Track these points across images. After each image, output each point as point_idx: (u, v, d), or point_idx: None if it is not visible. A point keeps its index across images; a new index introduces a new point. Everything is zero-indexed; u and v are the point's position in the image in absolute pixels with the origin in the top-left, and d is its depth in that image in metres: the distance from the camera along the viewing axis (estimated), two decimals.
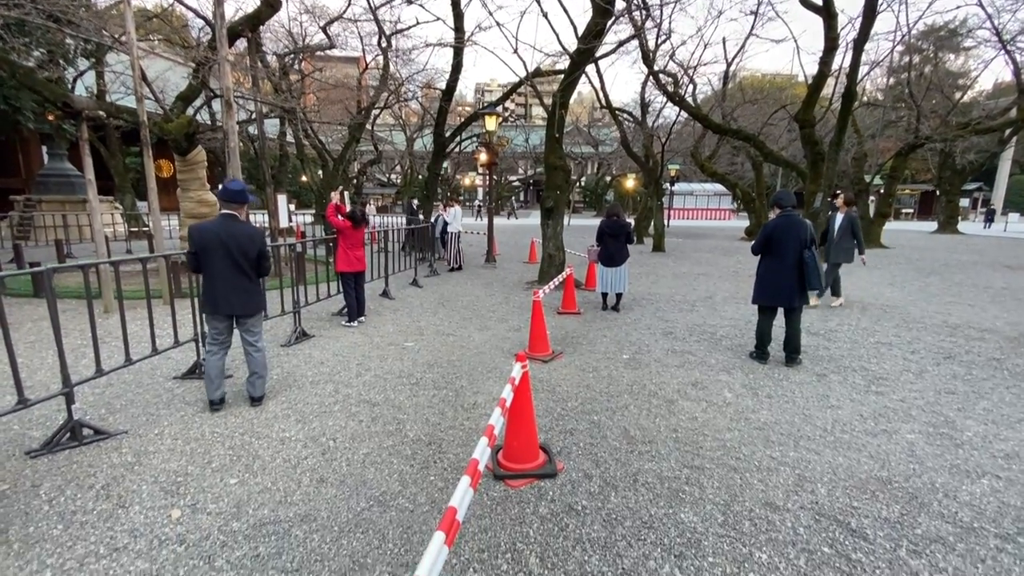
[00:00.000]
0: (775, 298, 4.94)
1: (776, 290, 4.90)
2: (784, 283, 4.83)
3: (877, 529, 2.51)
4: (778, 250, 4.81)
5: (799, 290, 4.83)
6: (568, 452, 3.26)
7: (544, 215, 8.91)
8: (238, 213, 3.77)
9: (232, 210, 3.74)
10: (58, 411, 3.63)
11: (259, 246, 3.74)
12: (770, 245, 4.85)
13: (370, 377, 4.59)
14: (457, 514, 1.52)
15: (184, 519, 2.52)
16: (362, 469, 3.02)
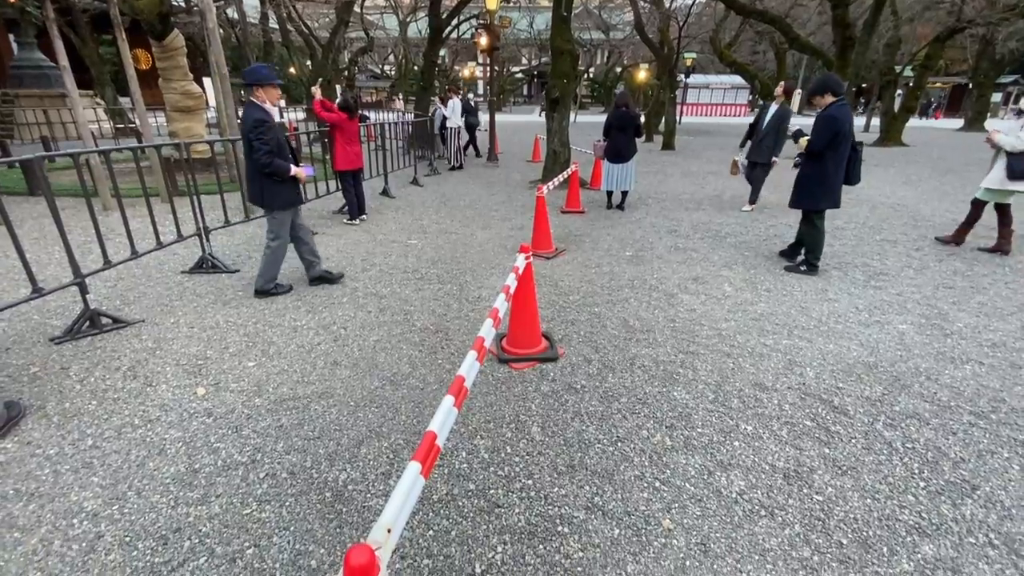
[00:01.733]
0: (836, 198, 4.42)
1: (839, 189, 4.39)
2: (840, 181, 4.36)
3: (858, 407, 2.67)
4: (844, 143, 4.20)
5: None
6: (569, 339, 3.39)
7: (549, 107, 8.42)
8: (256, 98, 3.62)
9: (251, 95, 3.64)
10: (74, 303, 3.74)
11: (247, 132, 3.60)
12: (836, 140, 4.18)
13: (375, 272, 4.65)
14: (465, 382, 1.61)
15: (209, 396, 2.70)
16: (373, 354, 3.17)
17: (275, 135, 3.60)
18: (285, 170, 3.68)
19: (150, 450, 2.29)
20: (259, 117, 3.55)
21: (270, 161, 3.59)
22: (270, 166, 3.61)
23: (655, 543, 1.83)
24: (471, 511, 1.97)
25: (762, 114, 6.70)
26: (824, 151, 4.24)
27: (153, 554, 1.77)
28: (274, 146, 3.60)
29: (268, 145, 3.56)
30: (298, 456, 2.26)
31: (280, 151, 3.67)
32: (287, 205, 3.86)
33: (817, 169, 4.36)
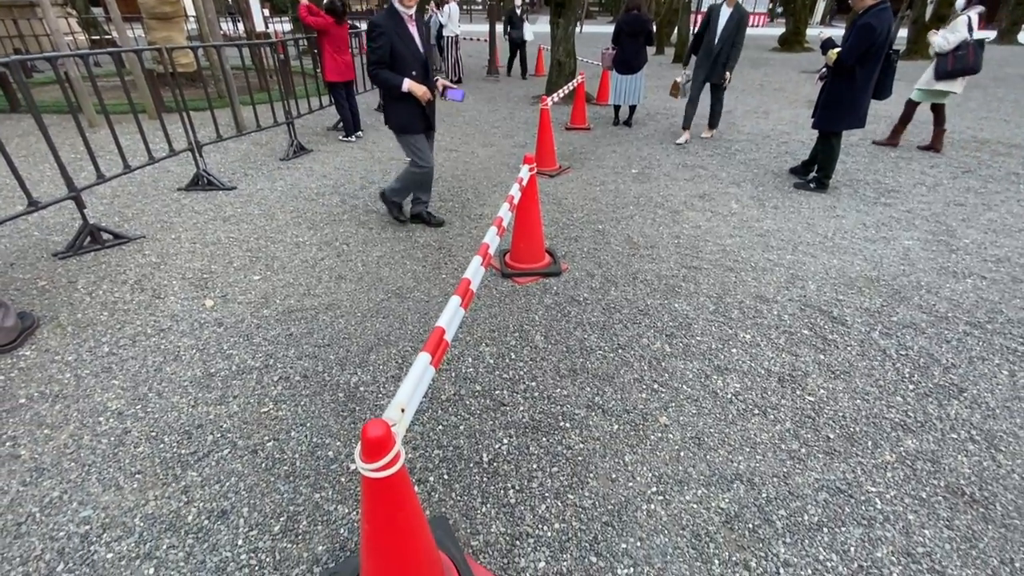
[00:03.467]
0: (861, 117, 4.08)
1: (866, 107, 4.05)
2: (868, 98, 4.01)
3: (856, 317, 2.72)
4: (878, 56, 3.82)
5: None
6: (572, 256, 3.38)
7: (553, 13, 7.82)
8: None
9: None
10: (72, 219, 3.70)
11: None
12: (872, 50, 3.77)
13: (375, 190, 4.55)
14: (471, 284, 1.62)
15: (218, 307, 2.74)
16: (377, 269, 3.18)
17: (387, 41, 3.03)
18: (393, 84, 3.09)
19: (166, 356, 2.36)
20: (374, 21, 3.06)
21: (376, 73, 3.09)
22: (375, 78, 3.11)
23: (652, 437, 1.93)
24: (478, 409, 2.06)
25: (712, 19, 5.37)
26: (855, 66, 3.87)
27: (179, 446, 1.88)
28: (383, 55, 3.04)
29: (376, 54, 3.04)
30: (310, 361, 2.33)
31: (396, 61, 3.08)
32: (403, 129, 3.31)
33: (846, 86, 4.01)
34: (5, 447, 1.87)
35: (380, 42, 3.02)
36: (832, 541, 1.55)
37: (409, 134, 3.32)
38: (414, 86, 3.11)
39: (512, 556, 1.50)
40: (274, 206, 4.10)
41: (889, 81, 4.04)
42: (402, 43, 3.07)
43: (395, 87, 3.10)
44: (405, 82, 3.09)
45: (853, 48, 3.83)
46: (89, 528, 1.58)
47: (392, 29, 3.03)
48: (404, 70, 3.11)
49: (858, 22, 3.84)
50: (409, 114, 3.25)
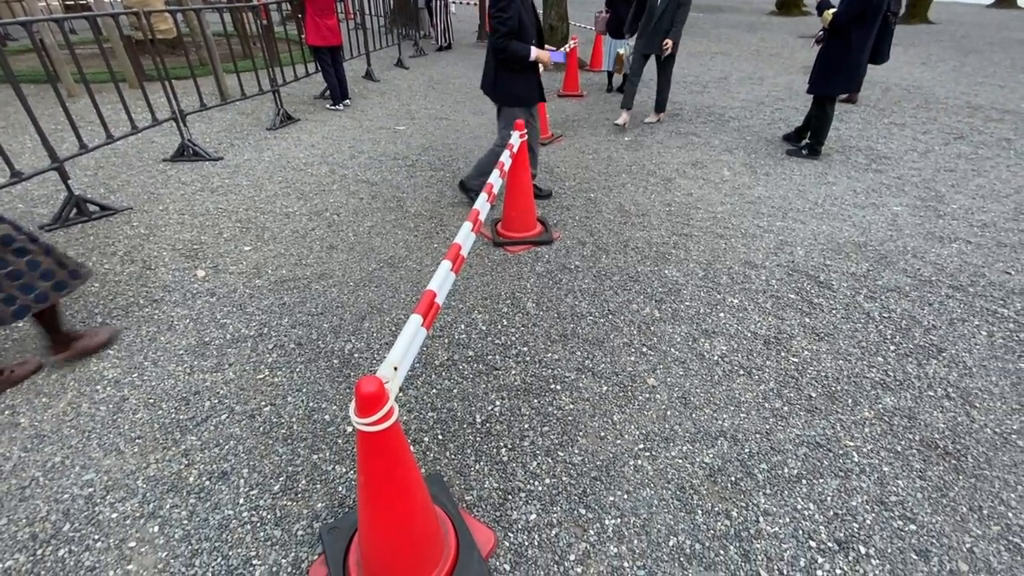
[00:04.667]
0: (857, 81, 4.02)
1: (861, 71, 4.00)
2: (865, 62, 3.95)
3: (842, 281, 2.76)
4: (874, 17, 3.76)
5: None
6: (564, 224, 3.39)
7: None
8: None
9: None
10: (56, 191, 3.64)
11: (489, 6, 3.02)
12: (867, 13, 3.73)
13: (364, 159, 4.49)
14: (461, 250, 1.63)
15: (210, 278, 2.74)
16: (368, 238, 3.17)
17: (517, 9, 2.87)
18: (523, 55, 2.95)
19: (159, 327, 2.37)
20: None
21: (506, 45, 2.91)
22: (505, 50, 2.94)
23: (639, 397, 1.99)
24: (471, 373, 2.11)
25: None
26: (850, 27, 3.81)
27: (177, 412, 1.91)
28: (514, 25, 2.88)
29: (507, 25, 2.86)
30: (303, 330, 2.35)
31: (523, 31, 2.94)
32: (519, 101, 3.15)
33: (841, 48, 3.94)
34: (4, 416, 1.90)
35: (511, 11, 2.85)
36: (810, 492, 1.62)
37: (523, 106, 3.18)
38: (540, 53, 3.01)
39: (505, 509, 1.56)
40: (262, 176, 4.05)
41: (886, 45, 4.00)
42: (524, 11, 2.95)
43: (524, 57, 2.97)
44: (532, 50, 2.97)
45: (849, 9, 3.77)
46: (92, 491, 1.62)
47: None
48: (526, 38, 2.98)
49: None
50: (528, 85, 3.13)
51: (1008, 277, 2.80)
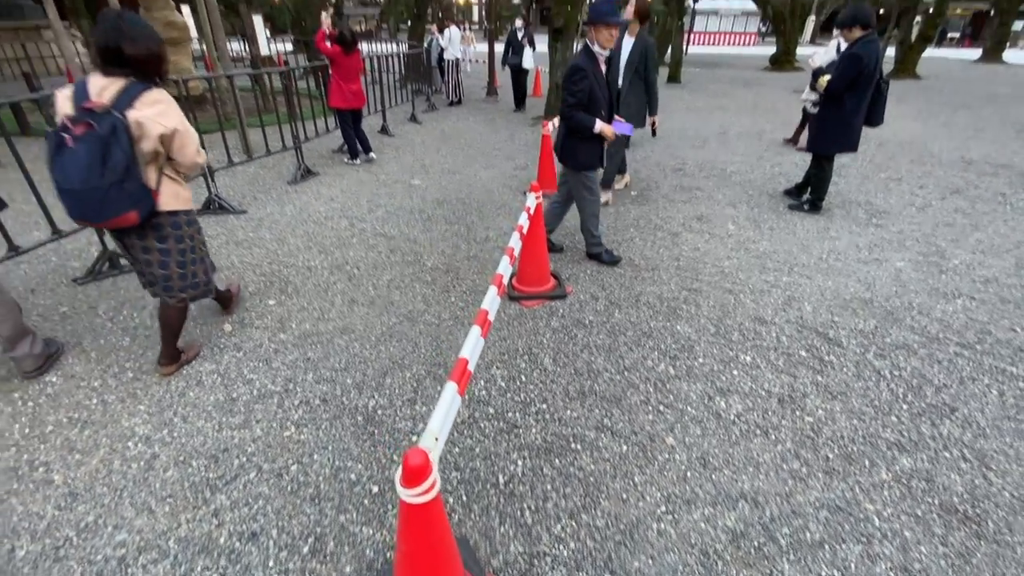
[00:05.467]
0: (853, 142, 4.25)
1: (857, 132, 4.20)
2: (860, 123, 4.18)
3: (851, 338, 2.83)
4: (866, 84, 4.00)
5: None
6: (577, 278, 3.49)
7: (552, 37, 8.06)
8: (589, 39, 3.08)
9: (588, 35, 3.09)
10: (89, 244, 3.79)
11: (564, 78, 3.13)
12: (860, 78, 3.97)
13: (382, 213, 4.67)
14: (488, 315, 1.72)
15: (236, 332, 2.83)
16: (388, 292, 3.28)
17: (589, 85, 3.07)
18: (587, 125, 3.15)
19: (188, 381, 2.44)
20: (577, 64, 3.08)
21: (571, 115, 3.15)
22: (571, 120, 3.17)
23: (659, 458, 2.02)
24: (492, 431, 2.15)
25: (613, 52, 4.43)
26: (844, 92, 4.06)
27: (207, 470, 1.96)
28: (583, 98, 3.09)
29: (576, 97, 3.09)
30: (327, 385, 2.42)
31: (592, 104, 3.14)
32: (583, 167, 3.35)
33: (836, 112, 4.18)
34: (39, 472, 1.95)
35: (582, 85, 3.06)
36: (833, 558, 1.64)
37: (589, 170, 3.38)
38: (604, 127, 3.18)
39: (531, 575, 1.58)
40: (285, 230, 4.21)
41: (880, 108, 4.21)
42: (597, 85, 3.12)
43: (588, 128, 3.15)
44: (596, 123, 3.15)
45: (842, 76, 4.02)
46: (125, 551, 1.65)
47: (591, 72, 3.06)
48: (596, 110, 3.16)
49: (846, 52, 4.03)
50: (592, 152, 3.31)
51: (1015, 335, 2.86)
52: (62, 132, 1.89)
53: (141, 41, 1.97)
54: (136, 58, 1.95)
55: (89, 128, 1.87)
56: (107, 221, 2.03)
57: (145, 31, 2.01)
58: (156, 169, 2.11)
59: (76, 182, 1.90)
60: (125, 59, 1.94)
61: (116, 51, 1.93)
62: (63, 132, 1.89)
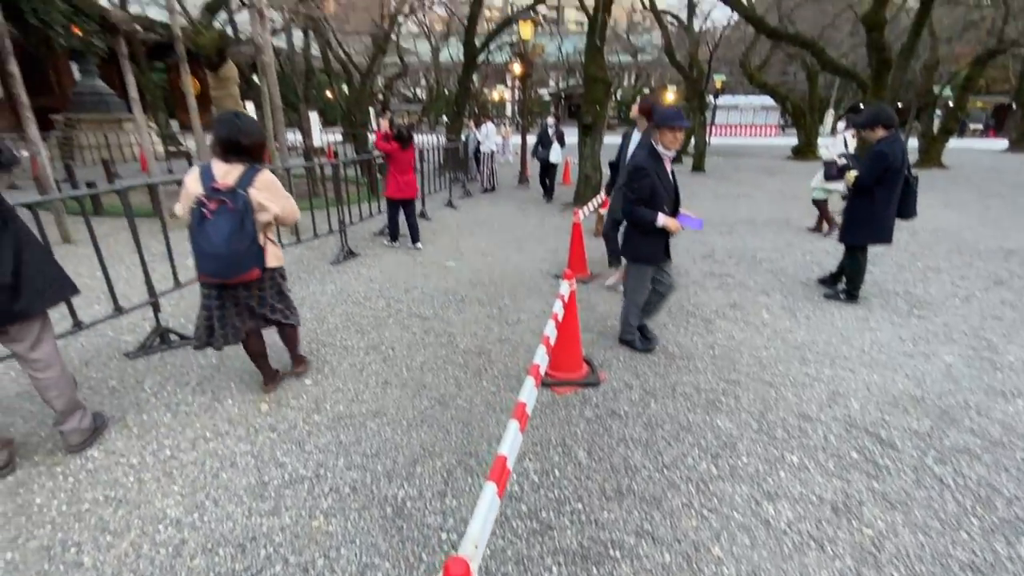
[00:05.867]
0: (886, 234, 4.31)
1: (889, 224, 4.29)
2: (892, 215, 4.25)
3: (906, 440, 2.66)
4: (895, 178, 4.11)
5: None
6: (609, 365, 3.46)
7: (582, 132, 8.61)
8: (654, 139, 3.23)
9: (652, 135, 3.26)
10: (143, 319, 4.01)
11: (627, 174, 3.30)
12: (888, 174, 4.10)
13: (418, 294, 4.82)
14: (526, 408, 1.72)
15: (272, 412, 2.87)
16: (421, 374, 3.31)
17: (650, 184, 3.20)
18: (648, 219, 3.23)
19: (222, 462, 2.46)
20: (638, 163, 3.22)
21: (632, 210, 3.27)
22: (631, 215, 3.30)
23: (706, 571, 1.88)
24: (525, 532, 2.06)
25: (623, 146, 4.70)
26: (873, 187, 4.17)
27: (233, 560, 1.91)
28: (643, 194, 3.22)
29: (636, 193, 3.22)
30: (358, 472, 2.39)
31: (654, 200, 3.24)
32: (642, 259, 3.45)
33: (867, 204, 4.26)
34: (70, 553, 1.94)
35: (643, 183, 3.19)
36: None
37: (647, 265, 3.46)
38: (668, 221, 3.24)
39: None
40: (325, 309, 4.38)
41: (912, 201, 4.26)
42: (660, 182, 3.23)
43: (650, 222, 3.23)
44: (660, 217, 3.23)
45: (869, 172, 4.13)
46: None
47: (653, 171, 3.19)
48: (658, 205, 3.25)
49: (873, 149, 4.17)
50: (653, 246, 3.39)
51: None
52: (200, 208, 2.39)
53: (253, 135, 2.53)
54: (249, 148, 2.52)
55: (223, 204, 2.40)
56: (238, 277, 2.55)
57: (254, 127, 2.58)
58: (263, 235, 2.64)
59: (222, 247, 2.41)
60: (241, 149, 2.50)
61: (235, 144, 2.48)
62: (201, 208, 2.39)
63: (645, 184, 3.20)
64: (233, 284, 2.65)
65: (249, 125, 2.55)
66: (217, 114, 2.64)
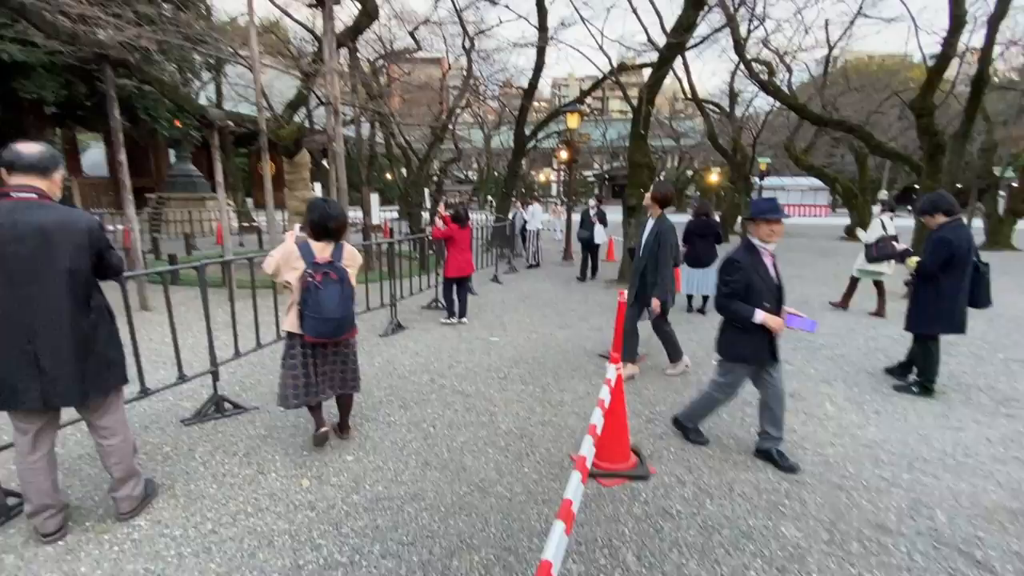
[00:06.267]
0: (957, 324, 4.05)
1: (960, 313, 4.04)
2: (963, 304, 4.03)
3: (1006, 563, 2.31)
4: (962, 265, 3.94)
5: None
6: (659, 456, 3.28)
7: (626, 213, 8.80)
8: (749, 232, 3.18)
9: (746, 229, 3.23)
10: (201, 386, 4.20)
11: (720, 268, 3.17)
12: (953, 261, 3.93)
13: (461, 369, 4.84)
14: (572, 506, 1.63)
15: (312, 488, 2.86)
16: (461, 456, 3.24)
17: (745, 277, 3.02)
18: (743, 315, 3.01)
19: (260, 540, 2.43)
20: (732, 257, 3.11)
21: (725, 304, 3.11)
22: (725, 309, 3.13)
23: None
24: None
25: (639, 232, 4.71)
26: (939, 274, 3.98)
27: None
28: (737, 288, 3.04)
29: (729, 287, 3.06)
30: (393, 561, 2.29)
31: (751, 295, 3.02)
32: (738, 357, 3.20)
33: (932, 292, 4.05)
34: None
35: (736, 276, 3.04)
36: None
37: (743, 363, 3.20)
38: (768, 318, 3.00)
39: None
40: (371, 382, 4.44)
41: (984, 291, 4.01)
42: (758, 276, 3.05)
43: (745, 318, 3.02)
44: (758, 313, 2.98)
45: (933, 258, 3.97)
46: None
47: (750, 265, 3.05)
48: (756, 301, 3.02)
49: (933, 236, 4.02)
50: (752, 344, 3.10)
51: None
52: (311, 280, 2.85)
53: (340, 218, 3.03)
54: (336, 229, 3.02)
55: (327, 275, 2.89)
56: (343, 336, 3.08)
57: (340, 211, 3.08)
58: None
59: (336, 311, 2.90)
60: (330, 231, 3.00)
61: (325, 226, 2.98)
62: (311, 279, 2.85)
63: (738, 278, 3.03)
64: (333, 343, 3.11)
65: (336, 210, 3.05)
66: (309, 201, 3.14)
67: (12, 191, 2.11)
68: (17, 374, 2.14)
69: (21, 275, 2.09)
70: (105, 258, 2.33)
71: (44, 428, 2.34)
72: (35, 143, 2.20)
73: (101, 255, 2.30)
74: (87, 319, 2.28)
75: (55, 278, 2.15)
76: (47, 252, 2.11)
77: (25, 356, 2.14)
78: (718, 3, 8.99)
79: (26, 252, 2.08)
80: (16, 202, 2.10)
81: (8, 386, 2.14)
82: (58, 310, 2.17)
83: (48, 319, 2.16)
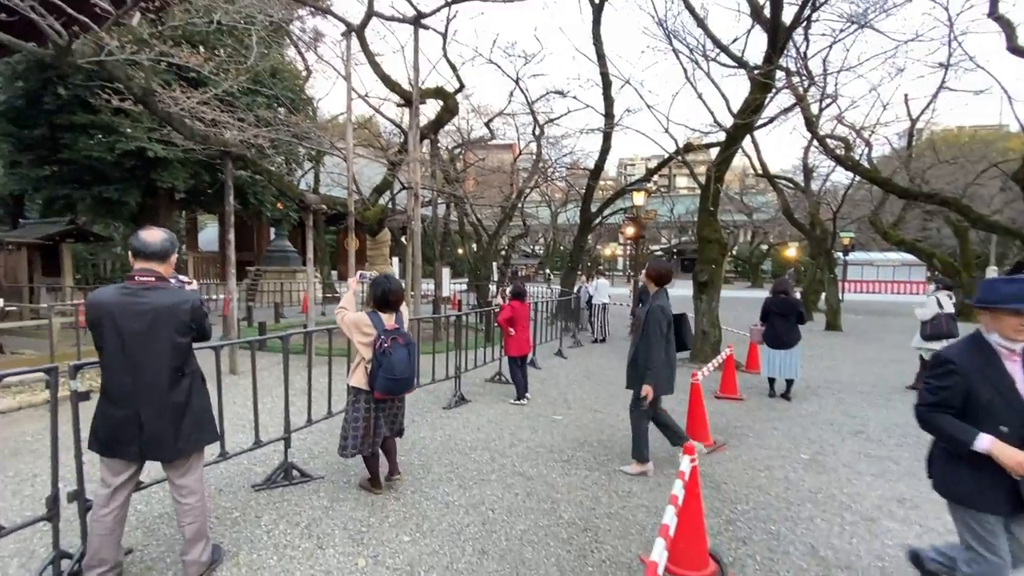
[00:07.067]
0: None
1: None
2: None
3: None
4: None
5: None
6: (743, 564, 2.90)
7: (697, 289, 8.54)
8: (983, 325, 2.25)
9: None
10: (274, 451, 4.34)
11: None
12: None
13: (523, 448, 4.68)
14: None
15: (367, 569, 2.78)
16: (520, 546, 3.04)
17: (960, 384, 2.16)
18: (954, 436, 2.16)
19: None
20: (944, 356, 2.28)
21: (924, 414, 2.27)
22: (924, 423, 2.28)
23: None
24: None
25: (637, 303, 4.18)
26: None
27: None
28: (947, 398, 2.20)
29: (935, 395, 2.23)
30: None
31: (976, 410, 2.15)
32: (960, 499, 2.25)
33: None
34: None
35: (948, 382, 2.19)
36: None
37: (972, 509, 2.20)
38: (1001, 449, 2.05)
39: None
40: (431, 457, 4.40)
41: None
42: (989, 387, 2.15)
43: (961, 443, 2.13)
44: (982, 439, 2.08)
45: None
46: None
47: (973, 369, 2.17)
48: (984, 422, 2.12)
49: None
50: (977, 482, 2.16)
51: None
52: (383, 345, 3.31)
53: (399, 293, 3.53)
54: (395, 301, 3.50)
55: (397, 341, 3.37)
56: (406, 392, 3.59)
57: (398, 285, 3.58)
58: None
59: (406, 373, 3.39)
60: (390, 303, 3.48)
61: (387, 299, 3.46)
62: (383, 345, 3.31)
63: (948, 384, 2.19)
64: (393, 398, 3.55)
65: (395, 285, 3.55)
66: (373, 278, 3.63)
67: (137, 275, 2.47)
68: (122, 429, 2.43)
69: (134, 346, 2.41)
70: (201, 328, 2.64)
71: (125, 483, 2.54)
72: (158, 231, 2.57)
73: (200, 327, 2.62)
74: (182, 383, 2.54)
75: (160, 350, 2.45)
76: (157, 329, 2.43)
77: (130, 414, 2.42)
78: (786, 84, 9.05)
79: (141, 328, 2.41)
80: (139, 286, 2.45)
81: (113, 437, 2.44)
82: (160, 375, 2.46)
83: (151, 383, 2.45)
